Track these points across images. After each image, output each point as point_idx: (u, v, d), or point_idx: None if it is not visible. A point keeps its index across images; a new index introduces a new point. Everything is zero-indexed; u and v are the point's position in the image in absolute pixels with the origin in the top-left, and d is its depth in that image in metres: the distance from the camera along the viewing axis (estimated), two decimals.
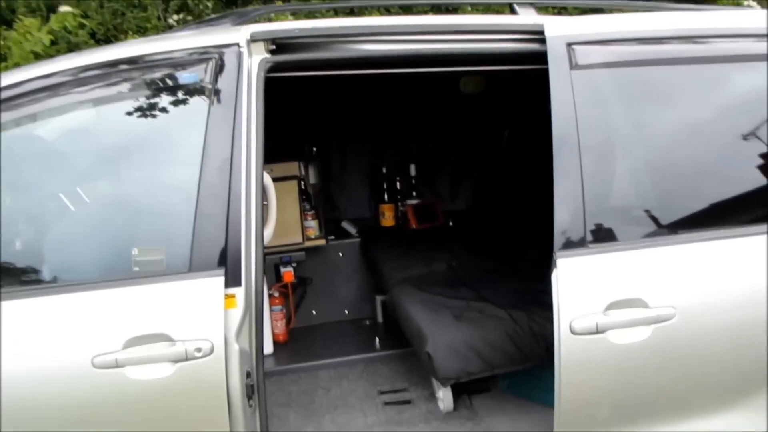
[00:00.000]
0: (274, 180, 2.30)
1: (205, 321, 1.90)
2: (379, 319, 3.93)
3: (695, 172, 2.22)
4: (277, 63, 2.11)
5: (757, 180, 2.18)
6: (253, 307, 1.99)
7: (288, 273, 3.69)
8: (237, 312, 1.95)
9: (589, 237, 2.04)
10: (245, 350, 1.98)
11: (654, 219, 2.10)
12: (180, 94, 2.13)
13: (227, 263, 1.93)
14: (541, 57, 2.10)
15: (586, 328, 1.96)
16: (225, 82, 2.04)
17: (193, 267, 1.92)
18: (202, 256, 1.93)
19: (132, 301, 1.89)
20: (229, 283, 1.93)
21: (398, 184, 4.17)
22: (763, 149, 2.20)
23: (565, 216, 2.04)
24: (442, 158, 4.26)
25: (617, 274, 2.02)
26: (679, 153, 2.20)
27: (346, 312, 3.99)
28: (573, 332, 1.96)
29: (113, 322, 1.87)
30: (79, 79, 2.03)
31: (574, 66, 2.16)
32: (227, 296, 1.94)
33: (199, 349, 1.88)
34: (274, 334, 3.62)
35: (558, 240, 2.02)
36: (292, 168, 3.59)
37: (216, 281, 1.90)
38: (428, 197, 4.26)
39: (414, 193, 4.20)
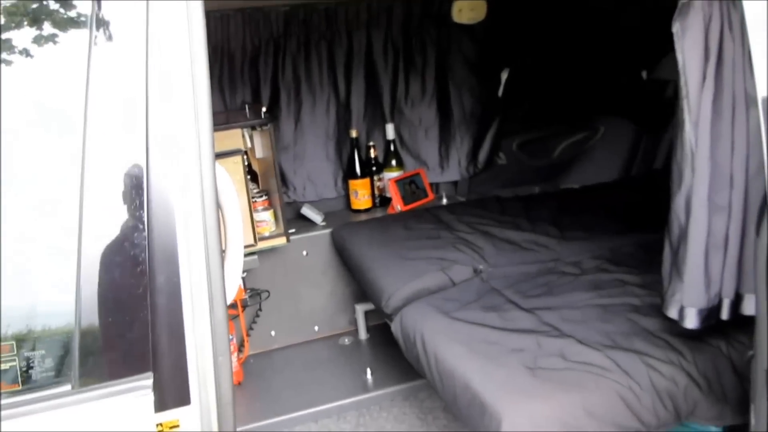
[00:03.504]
0: None
1: None
2: (362, 335, 3.01)
3: None
4: None
5: None
6: None
7: None
8: None
9: None
10: None
11: None
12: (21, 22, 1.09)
13: (157, 363, 0.96)
14: None
15: None
16: None
17: (84, 379, 0.93)
18: (102, 357, 0.94)
19: None
20: (166, 402, 0.96)
21: (372, 151, 3.20)
22: None
23: None
24: (427, 113, 3.30)
25: None
26: None
27: (316, 329, 3.05)
28: None
29: None
30: None
31: None
32: (162, 427, 0.98)
33: None
34: None
35: None
36: (234, 138, 2.56)
37: (136, 403, 0.93)
38: (411, 167, 3.32)
39: (393, 162, 3.24)
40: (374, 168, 3.21)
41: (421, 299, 2.19)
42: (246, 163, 2.81)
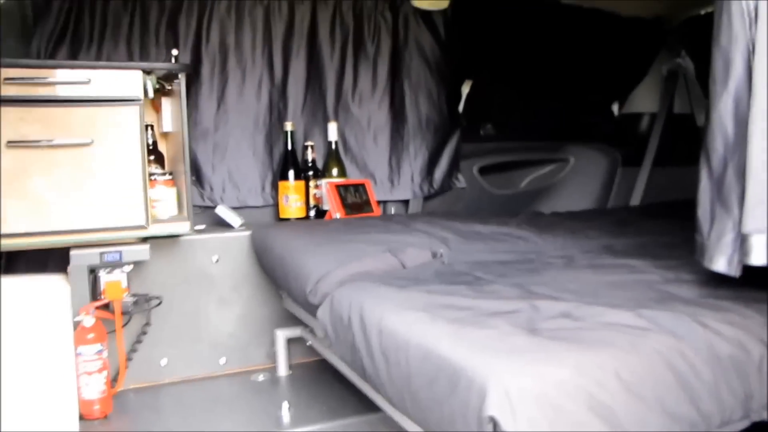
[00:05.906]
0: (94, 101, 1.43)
1: None
2: (281, 371, 2.35)
3: None
4: None
5: None
6: None
7: (114, 284, 2.05)
8: None
9: None
10: None
11: None
12: None
13: None
14: None
15: None
16: None
17: None
18: None
19: None
20: None
21: (310, 152, 2.68)
22: None
23: None
24: (377, 115, 2.83)
25: None
26: None
27: (223, 361, 2.38)
28: None
29: None
30: None
31: None
32: None
33: None
34: (82, 403, 1.93)
35: None
36: (131, 82, 1.99)
37: None
38: (355, 178, 2.80)
39: (335, 171, 2.72)
40: (311, 173, 2.69)
41: (361, 278, 1.61)
42: (150, 140, 2.27)
